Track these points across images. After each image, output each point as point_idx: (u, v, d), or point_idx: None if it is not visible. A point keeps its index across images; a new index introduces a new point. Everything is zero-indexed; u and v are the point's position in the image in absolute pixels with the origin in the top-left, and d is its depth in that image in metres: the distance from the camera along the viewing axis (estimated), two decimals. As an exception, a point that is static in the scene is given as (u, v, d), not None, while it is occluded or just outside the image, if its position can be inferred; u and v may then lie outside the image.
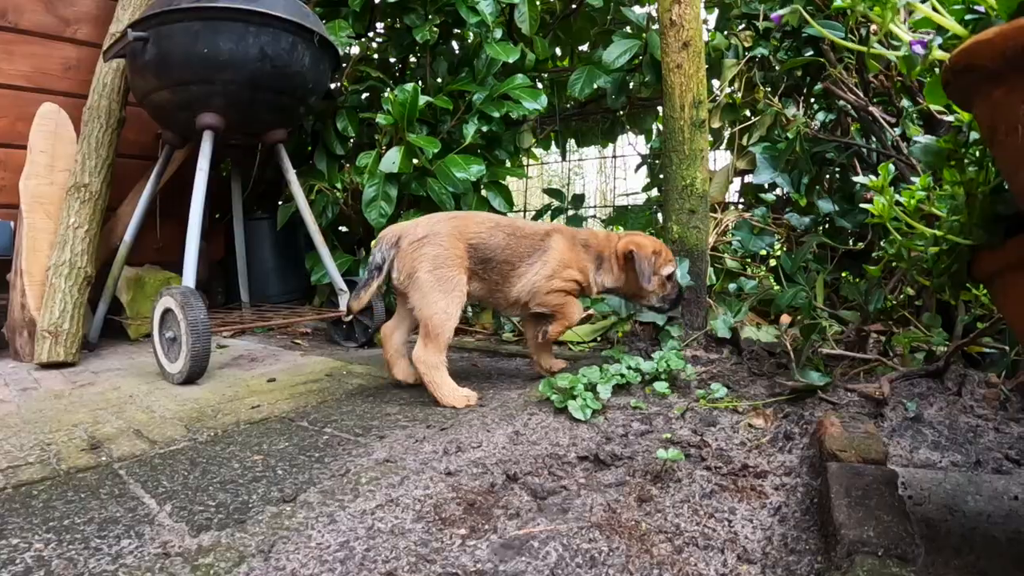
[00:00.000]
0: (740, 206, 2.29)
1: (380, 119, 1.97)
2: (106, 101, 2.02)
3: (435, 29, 2.02)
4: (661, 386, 1.18)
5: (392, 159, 1.96)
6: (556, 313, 1.36)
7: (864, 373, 1.30)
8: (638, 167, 2.81)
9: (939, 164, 0.61)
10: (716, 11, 2.47)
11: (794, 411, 1.11)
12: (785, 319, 1.44)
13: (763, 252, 1.95)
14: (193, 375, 1.48)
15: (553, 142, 3.03)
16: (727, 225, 2.05)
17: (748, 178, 2.24)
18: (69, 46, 2.32)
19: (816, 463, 0.88)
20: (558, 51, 2.99)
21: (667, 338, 1.56)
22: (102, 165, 1.96)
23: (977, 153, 0.63)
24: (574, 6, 2.75)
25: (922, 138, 0.66)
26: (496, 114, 2.04)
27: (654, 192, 2.71)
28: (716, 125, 2.19)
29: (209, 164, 1.80)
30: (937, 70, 0.60)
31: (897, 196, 0.71)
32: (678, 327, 1.63)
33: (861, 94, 1.75)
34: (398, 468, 0.91)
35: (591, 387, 1.15)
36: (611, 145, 3.04)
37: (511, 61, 2.00)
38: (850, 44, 1.56)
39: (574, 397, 1.10)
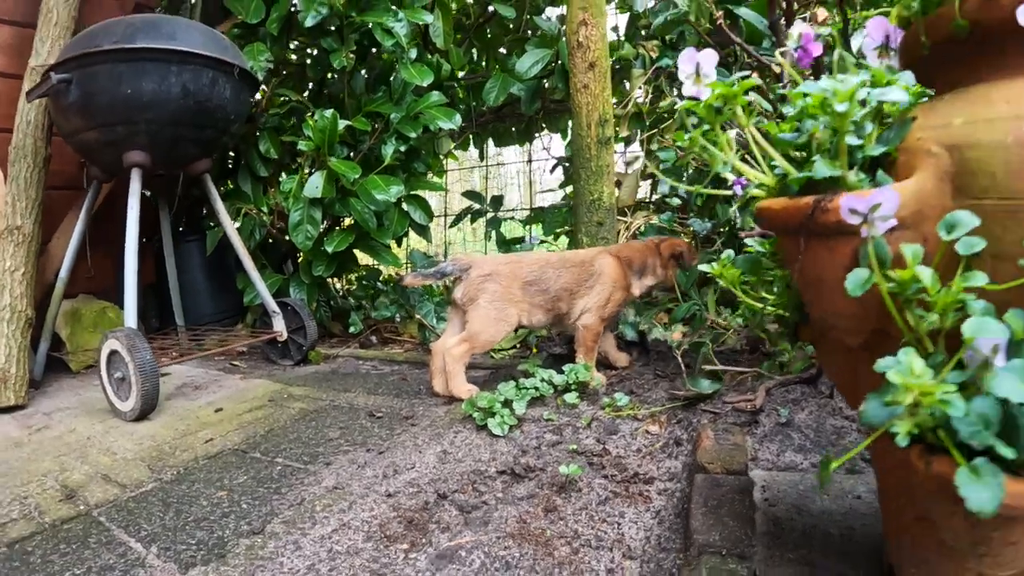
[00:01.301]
0: (651, 207, 2.56)
1: (302, 145, 2.11)
2: (31, 139, 2.07)
3: (351, 56, 2.16)
4: (571, 397, 1.43)
5: (315, 184, 2.11)
6: (584, 344, 1.66)
7: (752, 379, 1.57)
8: (553, 168, 3.04)
9: (754, 272, 0.84)
10: (627, 16, 2.70)
11: (685, 417, 1.37)
12: (676, 336, 1.70)
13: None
14: (145, 412, 1.63)
15: (472, 144, 3.23)
16: (637, 228, 2.31)
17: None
18: None
19: (693, 470, 1.14)
20: (475, 53, 3.16)
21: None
22: (32, 206, 2.03)
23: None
24: (489, 11, 2.93)
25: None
26: (413, 134, 2.22)
27: (570, 188, 2.95)
28: (625, 134, 2.43)
29: (139, 202, 1.91)
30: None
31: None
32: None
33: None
34: (346, 494, 1.12)
35: (508, 403, 1.39)
36: (528, 145, 3.26)
37: (425, 84, 2.17)
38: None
39: (493, 415, 1.33)
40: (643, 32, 2.59)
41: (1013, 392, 0.44)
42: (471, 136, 3.17)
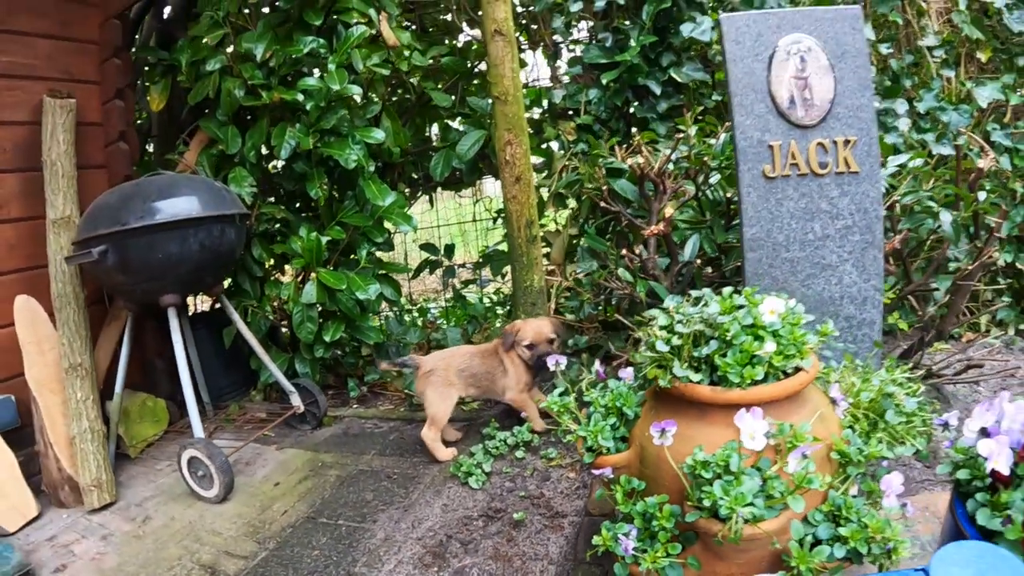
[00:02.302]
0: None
1: (294, 263, 2.85)
2: (70, 287, 2.73)
3: (324, 187, 2.88)
4: (520, 452, 2.28)
5: (310, 292, 2.85)
6: (521, 409, 2.43)
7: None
8: (494, 220, 3.83)
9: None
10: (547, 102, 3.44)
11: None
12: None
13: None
14: (226, 496, 2.41)
15: (428, 201, 3.99)
16: (566, 284, 3.12)
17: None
18: (6, 227, 2.90)
19: (586, 510, 1.99)
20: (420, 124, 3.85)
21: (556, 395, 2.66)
22: (84, 343, 2.71)
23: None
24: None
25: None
26: (380, 239, 2.97)
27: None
28: (550, 211, 3.21)
29: (180, 333, 2.63)
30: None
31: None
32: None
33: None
34: (393, 543, 1.95)
35: (479, 465, 2.23)
36: (474, 195, 4.04)
37: (385, 204, 2.91)
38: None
39: (471, 474, 2.18)
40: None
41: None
42: (428, 195, 3.93)
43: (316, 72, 3.00)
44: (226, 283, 3.02)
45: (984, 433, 1.19)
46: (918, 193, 2.13)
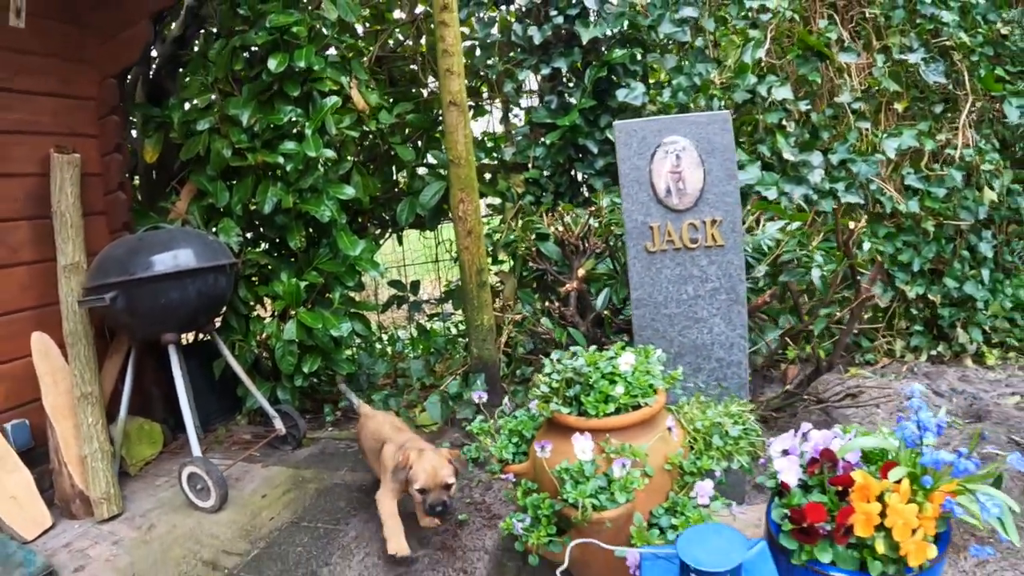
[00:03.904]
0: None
1: (276, 306, 3.46)
2: (80, 325, 3.30)
3: (303, 238, 3.50)
4: (469, 467, 2.89)
5: (291, 330, 3.45)
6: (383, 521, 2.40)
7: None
8: (454, 260, 4.44)
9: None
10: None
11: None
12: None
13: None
14: (221, 506, 2.98)
15: (397, 240, 4.61)
16: (516, 319, 3.75)
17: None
18: (20, 269, 3.45)
19: None
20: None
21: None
22: (93, 375, 3.29)
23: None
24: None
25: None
26: (351, 283, 3.59)
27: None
28: (502, 256, 3.84)
29: (180, 367, 3.22)
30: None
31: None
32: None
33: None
34: (362, 540, 2.54)
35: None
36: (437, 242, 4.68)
37: (356, 253, 3.53)
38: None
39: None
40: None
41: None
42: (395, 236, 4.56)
43: (294, 131, 3.62)
44: (217, 322, 3.62)
45: (785, 453, 1.82)
46: (795, 252, 2.77)
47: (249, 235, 3.91)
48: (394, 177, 4.40)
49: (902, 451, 1.68)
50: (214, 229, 3.59)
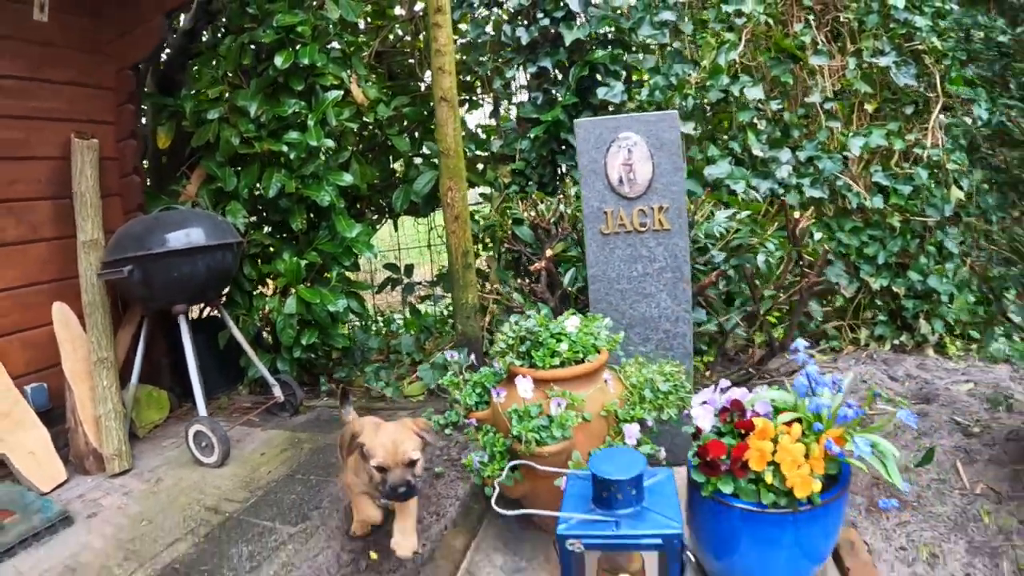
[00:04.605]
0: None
1: (278, 282, 3.85)
2: (98, 296, 3.70)
3: (304, 220, 3.89)
4: (448, 430, 3.25)
5: (291, 305, 3.84)
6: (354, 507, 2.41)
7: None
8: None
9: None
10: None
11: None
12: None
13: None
14: (223, 462, 3.36)
15: (393, 226, 5.00)
16: (495, 296, 4.11)
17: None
18: (41, 245, 3.84)
19: None
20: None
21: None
22: (109, 342, 3.69)
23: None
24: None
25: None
26: (347, 263, 3.97)
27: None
28: (488, 241, 4.20)
29: (188, 334, 3.61)
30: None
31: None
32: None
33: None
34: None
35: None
36: (430, 227, 5.06)
37: (352, 235, 3.91)
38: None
39: (412, 444, 3.17)
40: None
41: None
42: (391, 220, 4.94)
43: (298, 122, 4.01)
44: (223, 296, 4.01)
45: (704, 404, 2.19)
46: (746, 238, 3.13)
47: (254, 218, 4.30)
48: (391, 166, 4.78)
49: (798, 402, 2.03)
50: (222, 211, 3.97)
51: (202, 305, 4.49)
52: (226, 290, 3.97)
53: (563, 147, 4.05)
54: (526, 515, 1.89)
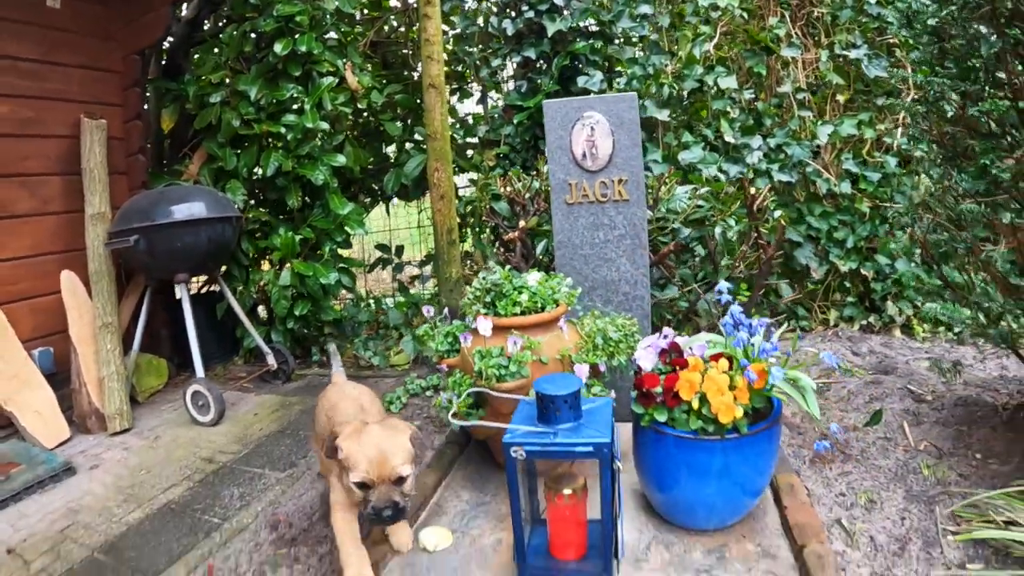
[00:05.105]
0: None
1: (274, 256, 4.15)
2: (104, 266, 3.98)
3: (299, 198, 4.19)
4: (429, 392, 3.54)
5: (286, 277, 4.14)
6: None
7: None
8: (439, 226, 5.13)
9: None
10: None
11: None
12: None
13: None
14: (218, 420, 3.64)
15: (385, 209, 5.30)
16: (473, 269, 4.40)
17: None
18: (50, 218, 4.13)
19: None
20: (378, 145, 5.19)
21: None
22: (113, 308, 3.98)
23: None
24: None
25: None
26: (339, 239, 4.27)
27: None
28: (467, 242, 4.50)
29: (187, 301, 3.91)
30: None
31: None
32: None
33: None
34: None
35: (399, 398, 3.49)
36: (420, 209, 5.36)
37: (344, 212, 4.21)
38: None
39: (392, 403, 3.43)
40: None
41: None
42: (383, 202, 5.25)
43: (295, 106, 4.31)
44: (222, 269, 4.31)
45: (647, 347, 2.47)
46: (706, 212, 3.42)
47: (252, 201, 4.61)
48: (384, 151, 5.08)
49: (727, 340, 2.31)
50: (222, 189, 4.27)
51: (202, 280, 4.79)
52: (225, 264, 4.27)
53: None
54: (483, 443, 2.16)
